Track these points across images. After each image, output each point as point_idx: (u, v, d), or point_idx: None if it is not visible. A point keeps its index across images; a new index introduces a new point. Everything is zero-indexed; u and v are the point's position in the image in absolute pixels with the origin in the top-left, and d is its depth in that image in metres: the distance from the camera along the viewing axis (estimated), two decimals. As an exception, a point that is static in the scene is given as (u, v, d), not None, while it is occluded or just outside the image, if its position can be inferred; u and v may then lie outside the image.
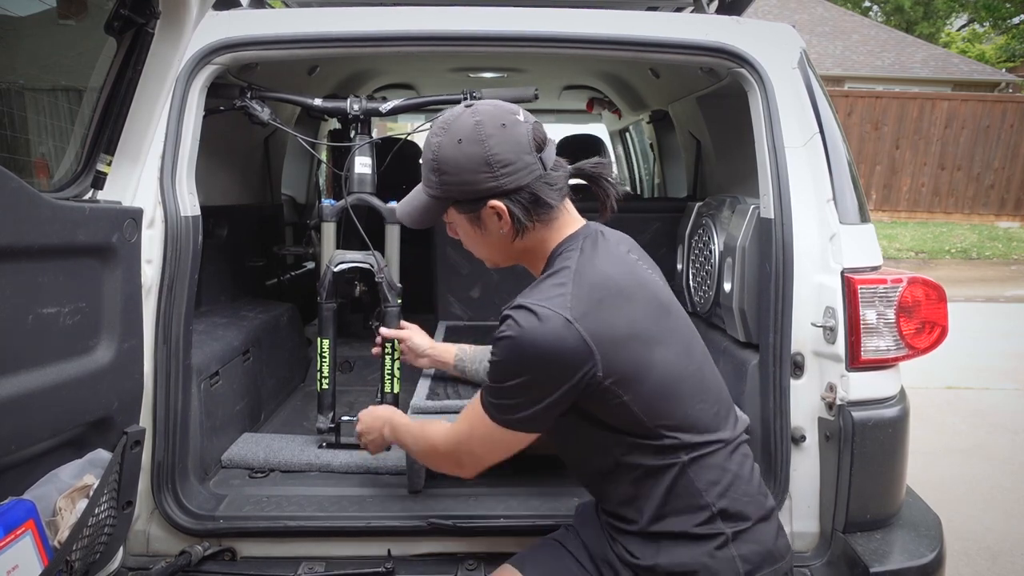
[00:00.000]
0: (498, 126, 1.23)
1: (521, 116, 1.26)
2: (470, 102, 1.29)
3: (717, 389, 1.35)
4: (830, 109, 1.80)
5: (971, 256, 10.99)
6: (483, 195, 1.25)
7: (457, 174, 1.24)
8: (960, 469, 3.66)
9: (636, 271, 1.33)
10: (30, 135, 1.83)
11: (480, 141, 1.22)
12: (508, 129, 1.23)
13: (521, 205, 1.26)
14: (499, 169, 1.22)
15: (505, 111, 1.26)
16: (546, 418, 1.24)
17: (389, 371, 2.08)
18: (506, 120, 1.24)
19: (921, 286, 1.67)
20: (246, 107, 2.05)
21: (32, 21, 1.79)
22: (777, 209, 1.73)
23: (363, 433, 1.74)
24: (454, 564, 1.66)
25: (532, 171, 1.24)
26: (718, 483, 1.26)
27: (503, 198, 1.25)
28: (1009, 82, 17.48)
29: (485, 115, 1.24)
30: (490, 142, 1.22)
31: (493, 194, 1.24)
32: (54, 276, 1.33)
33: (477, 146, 1.22)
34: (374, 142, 2.14)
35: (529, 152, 1.24)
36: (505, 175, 1.23)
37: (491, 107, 1.26)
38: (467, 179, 1.24)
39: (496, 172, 1.22)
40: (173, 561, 1.62)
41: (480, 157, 1.22)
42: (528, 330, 1.16)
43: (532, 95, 2.14)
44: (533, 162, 1.24)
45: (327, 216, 2.11)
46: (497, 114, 1.24)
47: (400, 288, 2.12)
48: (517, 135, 1.23)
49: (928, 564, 1.63)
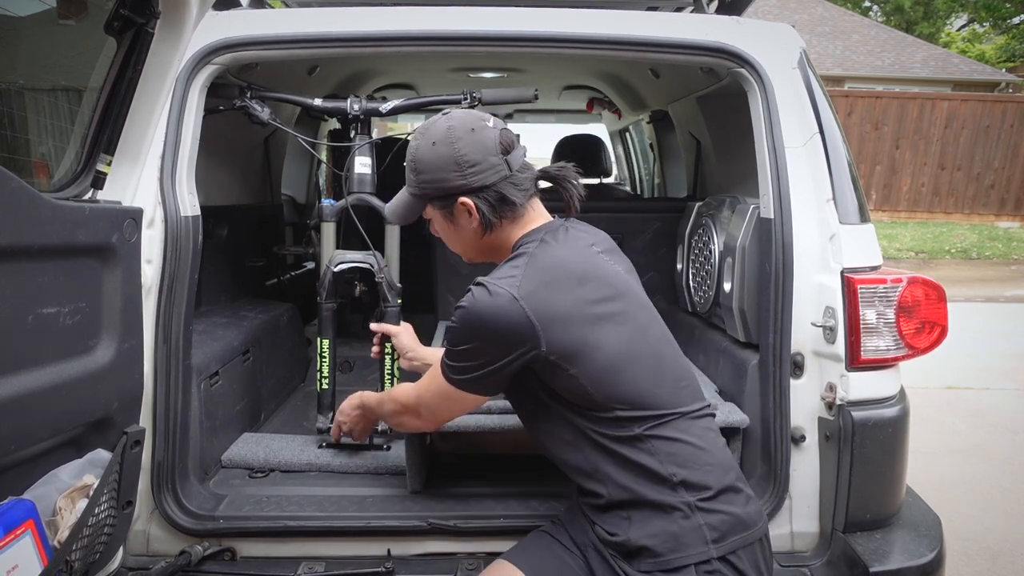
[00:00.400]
0: (468, 130, 1.36)
1: (491, 123, 1.39)
2: (448, 111, 1.41)
3: (678, 370, 1.41)
4: (830, 109, 1.80)
5: (971, 256, 10.99)
6: (453, 192, 1.38)
7: (431, 173, 1.38)
8: (960, 469, 3.66)
9: (593, 259, 1.41)
10: (30, 135, 1.83)
11: (451, 143, 1.35)
12: (476, 133, 1.36)
13: (487, 203, 1.38)
14: (467, 168, 1.35)
15: (476, 118, 1.39)
16: (491, 383, 1.36)
17: (389, 371, 2.09)
18: (475, 125, 1.37)
19: (921, 286, 1.67)
20: (246, 107, 2.05)
21: (32, 21, 1.79)
22: (777, 209, 1.73)
23: (343, 423, 1.86)
24: (454, 564, 1.66)
25: (498, 171, 1.37)
26: (677, 455, 1.31)
27: (471, 195, 1.37)
28: (1009, 82, 17.48)
29: (457, 120, 1.38)
30: (459, 144, 1.35)
31: (462, 191, 1.37)
32: (54, 276, 1.33)
33: (448, 147, 1.35)
34: (374, 142, 2.14)
35: (495, 154, 1.36)
36: (472, 174, 1.36)
37: (464, 114, 1.40)
38: (439, 177, 1.37)
39: (464, 171, 1.35)
40: (173, 561, 1.62)
41: (450, 157, 1.35)
42: (479, 303, 1.30)
43: (532, 95, 2.15)
44: (499, 163, 1.37)
45: (327, 216, 2.12)
46: (468, 120, 1.38)
47: (400, 288, 2.13)
48: (484, 139, 1.36)
49: (928, 564, 1.63)
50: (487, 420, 1.83)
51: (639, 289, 1.47)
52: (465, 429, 1.82)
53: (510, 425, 1.81)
